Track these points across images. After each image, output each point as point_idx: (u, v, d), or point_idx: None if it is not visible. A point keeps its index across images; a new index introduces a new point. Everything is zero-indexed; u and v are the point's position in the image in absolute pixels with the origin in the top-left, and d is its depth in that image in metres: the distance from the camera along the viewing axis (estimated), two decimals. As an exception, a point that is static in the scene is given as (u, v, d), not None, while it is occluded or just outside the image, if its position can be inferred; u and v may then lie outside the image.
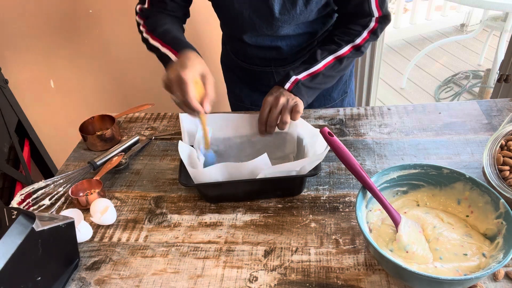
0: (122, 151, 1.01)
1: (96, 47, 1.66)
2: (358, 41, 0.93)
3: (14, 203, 0.84)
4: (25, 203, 0.86)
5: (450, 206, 0.74)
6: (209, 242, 0.78)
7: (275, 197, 0.86)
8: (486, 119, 0.99)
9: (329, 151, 0.83)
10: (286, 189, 0.85)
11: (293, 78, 0.90)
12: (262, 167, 0.79)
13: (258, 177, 0.80)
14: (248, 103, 1.23)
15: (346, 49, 0.93)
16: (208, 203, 0.86)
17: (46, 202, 0.88)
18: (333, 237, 0.76)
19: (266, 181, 0.81)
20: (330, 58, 0.92)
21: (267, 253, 0.74)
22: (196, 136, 0.88)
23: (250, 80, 1.18)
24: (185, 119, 0.90)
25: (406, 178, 0.75)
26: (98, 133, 1.07)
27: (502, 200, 0.65)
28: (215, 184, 0.82)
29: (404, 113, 1.05)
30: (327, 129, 0.71)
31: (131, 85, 1.81)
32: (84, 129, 1.06)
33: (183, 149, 0.83)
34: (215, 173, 0.80)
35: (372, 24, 0.92)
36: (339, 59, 0.93)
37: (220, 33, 1.19)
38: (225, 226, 0.80)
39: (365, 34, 0.93)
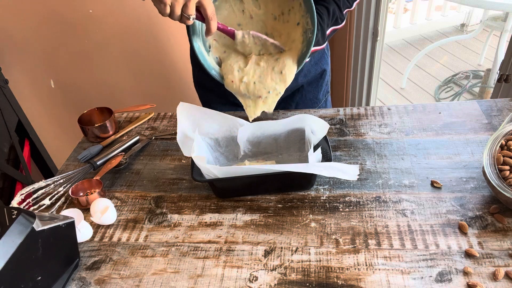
0: (122, 151, 1.02)
1: (96, 47, 1.66)
2: (353, 5, 0.93)
3: (14, 203, 0.84)
4: (25, 203, 0.86)
5: None
6: (209, 242, 0.78)
7: (288, 191, 0.86)
8: (486, 119, 0.99)
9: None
10: (299, 183, 0.85)
11: None
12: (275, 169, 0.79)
13: (271, 171, 0.80)
14: None
15: (344, 21, 0.93)
16: (217, 199, 0.86)
17: (46, 202, 0.88)
18: (333, 237, 0.76)
19: (280, 175, 0.80)
20: (329, 30, 0.92)
21: (267, 253, 0.74)
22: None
23: (230, 94, 1.02)
24: (182, 111, 0.89)
25: None
26: (97, 124, 1.09)
27: None
28: (229, 179, 0.81)
29: (404, 113, 1.05)
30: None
31: (132, 85, 1.81)
32: (82, 121, 1.10)
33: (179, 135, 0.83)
34: (229, 171, 0.80)
35: None
36: (335, 30, 0.94)
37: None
38: (225, 226, 0.80)
39: None
